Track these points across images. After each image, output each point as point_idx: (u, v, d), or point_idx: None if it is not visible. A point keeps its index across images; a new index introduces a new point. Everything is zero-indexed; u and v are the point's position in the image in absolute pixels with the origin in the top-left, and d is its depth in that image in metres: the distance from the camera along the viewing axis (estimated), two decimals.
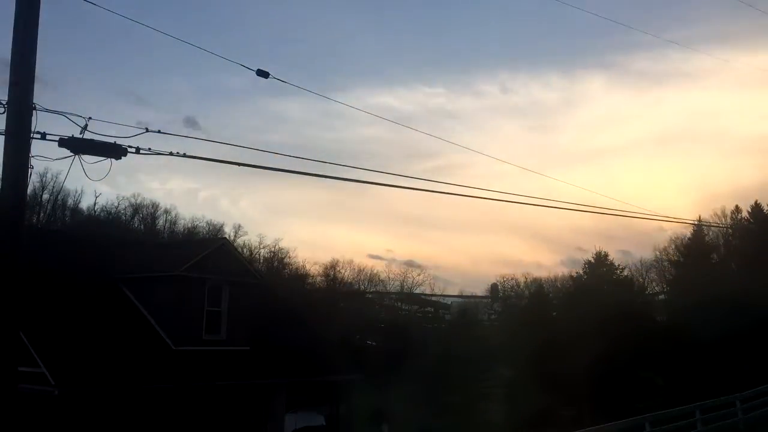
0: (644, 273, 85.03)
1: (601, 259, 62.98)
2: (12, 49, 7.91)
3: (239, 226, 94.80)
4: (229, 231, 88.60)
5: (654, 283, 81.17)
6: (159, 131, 8.76)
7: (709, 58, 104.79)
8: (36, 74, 7.97)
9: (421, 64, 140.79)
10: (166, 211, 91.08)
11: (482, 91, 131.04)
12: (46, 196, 76.05)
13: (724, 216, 69.38)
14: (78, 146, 8.07)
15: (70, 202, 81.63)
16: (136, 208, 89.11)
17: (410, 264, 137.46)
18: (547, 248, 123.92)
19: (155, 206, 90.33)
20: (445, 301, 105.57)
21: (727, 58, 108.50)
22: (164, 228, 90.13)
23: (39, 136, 7.81)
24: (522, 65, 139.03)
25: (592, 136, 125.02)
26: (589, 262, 63.76)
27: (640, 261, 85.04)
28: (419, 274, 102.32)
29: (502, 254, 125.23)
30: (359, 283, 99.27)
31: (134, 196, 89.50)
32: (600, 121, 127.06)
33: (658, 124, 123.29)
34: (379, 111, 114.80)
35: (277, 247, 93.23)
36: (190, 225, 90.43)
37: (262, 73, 10.20)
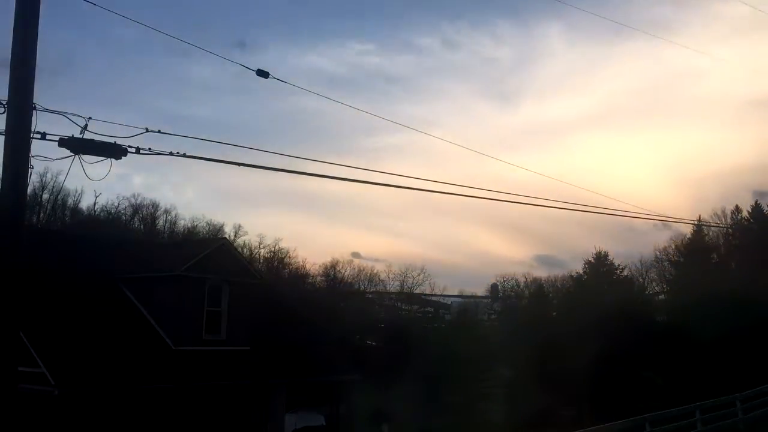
0: (644, 273, 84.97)
1: (601, 258, 62.98)
2: (12, 48, 7.91)
3: (239, 226, 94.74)
4: (229, 231, 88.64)
5: (654, 283, 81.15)
6: (159, 131, 8.76)
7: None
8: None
9: (346, 14, 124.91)
10: (166, 211, 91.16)
11: (421, 46, 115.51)
12: (46, 196, 76.13)
13: (724, 216, 69.47)
14: (78, 146, 8.07)
15: (70, 202, 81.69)
16: (136, 208, 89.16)
17: (356, 256, 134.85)
18: (518, 241, 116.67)
19: (155, 206, 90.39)
20: (445, 301, 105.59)
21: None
22: (164, 228, 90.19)
23: (39, 135, 7.82)
24: (466, 14, 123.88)
25: (554, 102, 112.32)
26: (589, 262, 63.76)
27: (640, 261, 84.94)
28: (419, 274, 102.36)
29: (466, 246, 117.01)
30: (359, 283, 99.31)
31: (134, 196, 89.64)
32: (561, 82, 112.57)
33: (630, 85, 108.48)
34: (304, 73, 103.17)
35: (277, 247, 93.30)
36: (190, 225, 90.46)
37: (262, 73, 10.20)
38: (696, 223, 56.33)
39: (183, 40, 11.25)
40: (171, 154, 8.78)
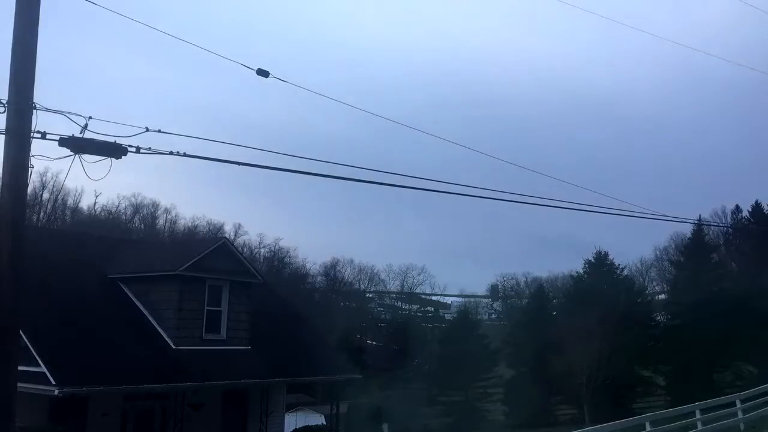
0: (644, 273, 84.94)
1: (601, 258, 62.94)
2: (12, 47, 7.90)
3: (239, 225, 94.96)
4: (229, 230, 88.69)
5: (654, 283, 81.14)
6: (159, 131, 8.73)
7: None
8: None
9: None
10: (167, 211, 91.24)
11: None
12: (46, 195, 76.23)
13: (724, 216, 69.46)
14: (78, 145, 8.04)
15: (70, 201, 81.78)
16: (137, 208, 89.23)
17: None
18: None
19: (155, 206, 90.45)
20: (445, 301, 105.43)
21: None
22: (164, 227, 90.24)
23: (39, 135, 7.79)
24: None
25: None
26: (589, 262, 63.71)
27: (641, 261, 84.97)
28: (419, 274, 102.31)
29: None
30: (359, 283, 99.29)
31: (134, 195, 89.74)
32: None
33: None
34: None
35: (277, 246, 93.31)
36: (190, 224, 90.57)
37: (263, 73, 10.17)
38: (696, 222, 56.32)
39: (183, 39, 11.24)
40: (171, 153, 8.76)
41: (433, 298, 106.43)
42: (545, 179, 17.43)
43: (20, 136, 7.68)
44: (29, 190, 9.12)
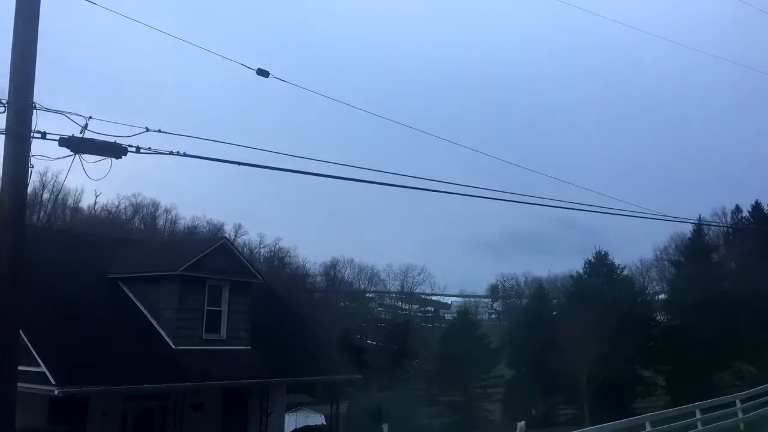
0: (644, 273, 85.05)
1: (601, 258, 62.95)
2: (12, 47, 7.90)
3: (239, 225, 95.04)
4: (229, 230, 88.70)
5: (654, 283, 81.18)
6: (159, 131, 8.73)
7: None
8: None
9: None
10: (167, 211, 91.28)
11: None
12: (46, 195, 76.24)
13: (724, 216, 69.50)
14: (78, 145, 8.05)
15: (70, 201, 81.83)
16: (137, 208, 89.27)
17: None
18: None
19: (155, 205, 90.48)
20: (445, 301, 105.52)
21: None
22: (164, 227, 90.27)
23: (39, 135, 7.80)
24: None
25: None
26: (589, 262, 63.72)
27: (640, 261, 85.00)
28: (419, 274, 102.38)
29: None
30: (359, 283, 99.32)
31: (134, 195, 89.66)
32: None
33: None
34: None
35: (277, 246, 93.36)
36: (190, 224, 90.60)
37: (263, 72, 10.18)
38: (696, 222, 56.32)
39: (182, 39, 11.25)
40: (171, 153, 8.76)
41: (433, 298, 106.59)
42: (546, 179, 17.43)
43: (20, 136, 7.69)
44: (29, 190, 9.13)
